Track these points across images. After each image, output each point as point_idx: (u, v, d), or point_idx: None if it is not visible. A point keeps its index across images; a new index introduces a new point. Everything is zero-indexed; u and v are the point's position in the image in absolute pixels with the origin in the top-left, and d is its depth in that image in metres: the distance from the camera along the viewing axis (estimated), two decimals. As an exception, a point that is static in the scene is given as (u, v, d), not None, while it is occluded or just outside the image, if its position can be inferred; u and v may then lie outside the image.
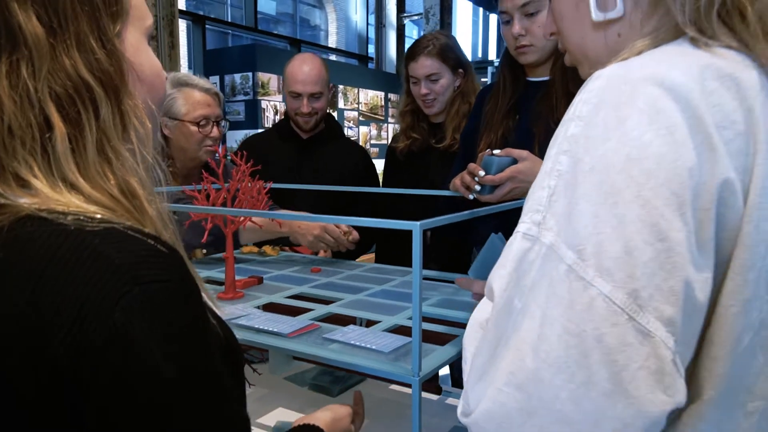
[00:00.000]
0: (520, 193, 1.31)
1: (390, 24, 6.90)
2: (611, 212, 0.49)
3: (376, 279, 1.43)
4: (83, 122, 0.54)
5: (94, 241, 0.49)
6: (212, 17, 6.12)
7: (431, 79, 1.88)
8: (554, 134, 0.59)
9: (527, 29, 1.37)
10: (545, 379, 0.50)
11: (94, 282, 0.47)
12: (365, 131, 5.84)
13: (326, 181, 1.95)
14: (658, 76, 0.52)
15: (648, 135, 0.50)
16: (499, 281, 0.58)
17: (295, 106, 1.99)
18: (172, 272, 0.51)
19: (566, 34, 0.73)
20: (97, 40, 0.55)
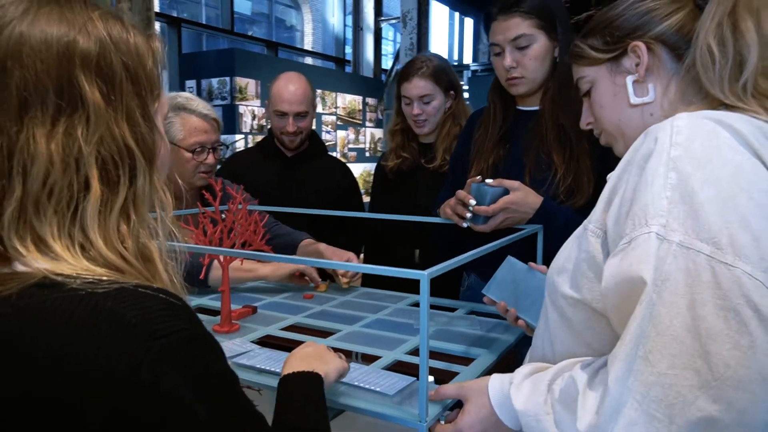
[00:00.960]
0: (512, 223, 1.34)
1: (367, 27, 6.90)
2: (734, 211, 0.63)
3: (370, 306, 1.45)
4: (119, 186, 0.59)
5: (107, 303, 0.51)
6: (187, 19, 6.03)
7: (424, 100, 1.89)
8: (633, 157, 0.73)
9: (518, 62, 1.40)
10: (713, 352, 0.59)
11: (114, 345, 0.50)
12: (343, 135, 5.84)
13: (311, 199, 1.96)
14: (726, 121, 0.70)
15: (738, 158, 0.67)
16: (647, 272, 0.64)
17: (280, 125, 1.99)
18: (185, 321, 0.54)
19: (605, 119, 0.91)
20: (142, 116, 0.61)
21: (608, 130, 0.92)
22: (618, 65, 0.88)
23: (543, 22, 1.37)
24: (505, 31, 1.39)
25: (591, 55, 0.91)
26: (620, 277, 0.66)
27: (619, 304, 0.68)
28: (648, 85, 0.85)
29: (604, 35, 0.89)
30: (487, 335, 1.24)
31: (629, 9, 0.88)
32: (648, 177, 0.68)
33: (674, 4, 0.86)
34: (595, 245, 0.76)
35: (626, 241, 0.67)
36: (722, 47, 0.76)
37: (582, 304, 0.78)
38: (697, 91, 0.80)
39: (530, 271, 1.12)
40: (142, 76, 0.61)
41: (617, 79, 0.88)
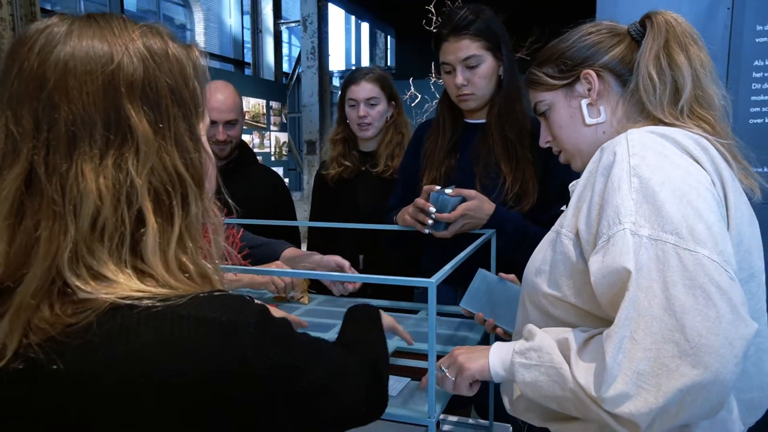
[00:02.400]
0: (469, 228, 1.45)
1: (267, 29, 6.80)
2: (689, 206, 0.77)
3: (336, 314, 1.48)
4: (175, 216, 0.57)
5: (190, 311, 0.53)
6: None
7: (370, 102, 1.95)
8: (596, 168, 0.87)
9: (469, 80, 1.52)
10: (687, 325, 0.70)
11: (213, 346, 0.52)
12: (248, 139, 5.72)
13: (242, 208, 1.94)
14: (669, 135, 0.86)
15: (682, 162, 0.83)
16: (630, 263, 0.74)
17: (209, 134, 1.96)
18: (258, 306, 0.58)
19: (564, 138, 1.04)
20: (189, 138, 0.60)
21: (567, 148, 1.05)
22: (572, 90, 1.01)
23: (489, 43, 1.50)
24: (456, 52, 1.50)
25: (547, 81, 1.03)
26: (607, 270, 0.77)
27: (608, 293, 0.79)
28: (599, 107, 0.99)
29: (558, 64, 1.02)
30: (456, 334, 1.33)
31: (578, 42, 1.02)
32: (614, 183, 0.81)
33: (615, 37, 1.02)
34: (569, 247, 0.88)
35: (605, 239, 0.79)
36: (661, 76, 0.93)
37: (561, 301, 0.89)
38: (640, 112, 0.96)
39: (501, 282, 1.23)
40: (187, 95, 0.60)
41: (572, 102, 1.01)
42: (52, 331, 0.50)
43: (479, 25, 1.48)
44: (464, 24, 1.48)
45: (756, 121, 2.09)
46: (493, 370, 0.92)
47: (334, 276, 0.97)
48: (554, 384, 0.81)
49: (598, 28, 1.03)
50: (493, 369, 0.92)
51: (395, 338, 1.28)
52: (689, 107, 0.93)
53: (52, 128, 0.52)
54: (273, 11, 6.79)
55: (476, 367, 0.94)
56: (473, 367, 0.94)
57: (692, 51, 0.94)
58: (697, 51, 0.94)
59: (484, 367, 0.93)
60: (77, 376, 0.49)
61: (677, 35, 0.94)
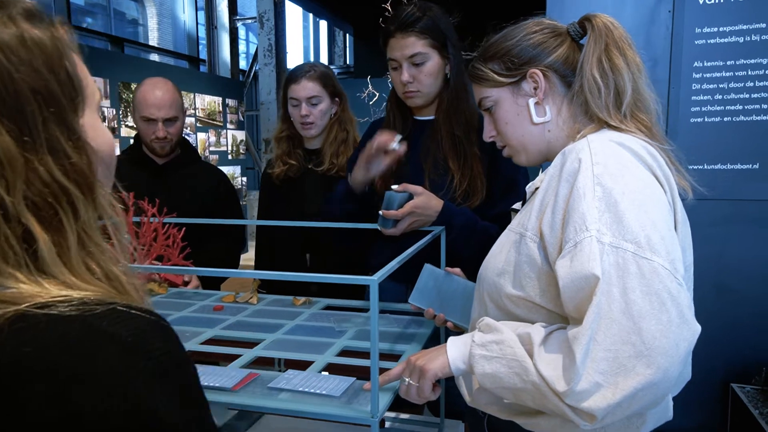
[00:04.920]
0: (418, 225, 1.45)
1: (222, 26, 6.67)
2: (647, 217, 0.81)
3: (284, 313, 1.47)
4: (64, 226, 0.53)
5: (102, 323, 0.50)
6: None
7: (312, 102, 1.93)
8: (558, 173, 0.90)
9: (415, 77, 1.51)
10: (644, 328, 0.75)
11: (111, 363, 0.49)
12: (203, 138, 5.61)
13: (184, 206, 1.91)
14: (626, 144, 0.90)
15: (640, 173, 0.87)
16: (597, 269, 0.78)
17: (149, 132, 1.92)
18: (175, 343, 0.54)
19: (509, 135, 1.05)
20: (67, 141, 0.53)
21: (512, 144, 1.06)
22: (519, 88, 1.02)
23: (436, 42, 1.50)
24: (402, 48, 1.50)
25: (493, 78, 1.04)
26: (575, 275, 0.80)
27: (576, 297, 0.82)
28: (545, 106, 1.01)
29: (505, 62, 1.03)
30: (405, 331, 1.33)
31: (523, 40, 1.03)
32: (580, 191, 0.84)
33: (557, 38, 1.04)
34: (533, 249, 0.90)
35: (572, 244, 0.82)
36: (604, 79, 0.96)
37: (524, 300, 0.91)
38: (584, 113, 0.99)
39: (448, 276, 1.23)
40: (57, 89, 0.53)
41: (519, 100, 1.02)
42: None
43: (426, 23, 1.48)
44: (411, 21, 1.48)
45: (696, 120, 2.17)
46: (453, 365, 0.93)
47: (273, 275, 0.95)
48: (515, 376, 0.84)
49: (541, 27, 1.04)
50: (453, 363, 0.93)
51: (343, 337, 1.28)
52: (631, 111, 0.96)
53: None
54: (228, 7, 6.67)
55: (437, 365, 0.94)
56: (433, 366, 0.94)
57: (629, 55, 0.97)
58: (633, 55, 0.98)
59: (444, 364, 0.94)
60: None
61: (615, 39, 0.97)
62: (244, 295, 1.58)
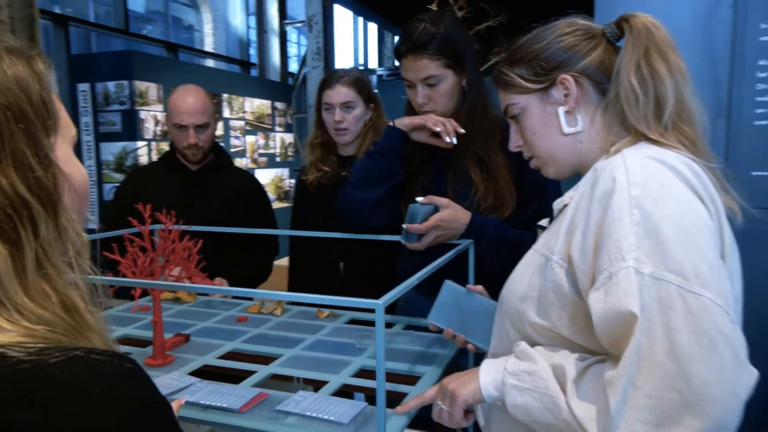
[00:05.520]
0: (444, 239, 1.38)
1: (272, 30, 6.76)
2: (693, 244, 0.72)
3: (307, 327, 1.43)
4: (22, 241, 0.52)
5: (63, 374, 0.47)
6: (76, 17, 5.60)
7: (346, 106, 1.89)
8: (590, 192, 0.81)
9: (430, 97, 1.46)
10: (691, 372, 0.66)
11: (81, 418, 0.46)
12: (252, 140, 5.69)
13: (217, 213, 1.91)
14: (667, 161, 0.79)
15: (684, 194, 0.77)
16: (635, 306, 0.70)
17: (181, 139, 1.93)
18: (145, 386, 0.52)
19: (537, 145, 0.96)
20: (33, 156, 0.54)
21: (540, 155, 0.98)
22: (548, 96, 0.94)
23: (450, 60, 1.43)
24: (415, 71, 1.44)
25: (521, 84, 0.96)
26: (610, 311, 0.72)
27: (612, 334, 0.74)
28: (577, 115, 0.92)
29: (533, 66, 0.95)
30: (427, 351, 1.27)
31: (553, 43, 0.94)
32: (614, 214, 0.75)
33: (591, 40, 0.94)
34: (560, 275, 0.82)
35: (606, 275, 0.73)
36: (643, 87, 0.86)
37: (549, 331, 0.83)
38: (620, 123, 0.89)
39: (469, 294, 1.16)
40: (28, 110, 0.55)
41: (548, 108, 0.94)
42: None
43: (438, 43, 1.41)
44: (423, 42, 1.40)
45: (761, 123, 2.00)
46: (485, 391, 0.88)
47: (276, 295, 0.91)
48: (547, 411, 0.78)
49: (574, 28, 0.95)
50: (485, 389, 0.88)
51: (362, 355, 1.23)
52: (673, 123, 0.86)
53: None
54: (278, 11, 6.75)
55: (468, 391, 0.90)
56: (465, 392, 0.90)
57: (672, 60, 0.87)
58: (677, 60, 0.87)
59: (476, 390, 0.89)
60: None
61: (657, 42, 0.87)
62: (269, 306, 1.55)
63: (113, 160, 4.53)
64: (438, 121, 1.44)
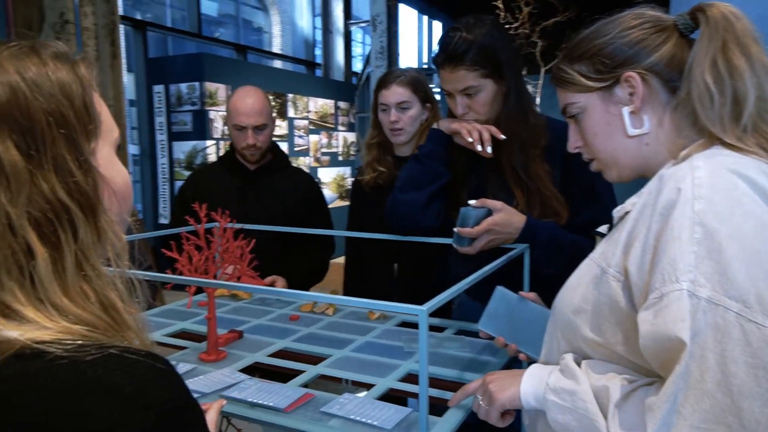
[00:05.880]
0: (497, 244, 1.35)
1: (337, 30, 6.85)
2: (760, 268, 0.65)
3: (358, 328, 1.43)
4: (62, 244, 0.54)
5: (97, 371, 0.49)
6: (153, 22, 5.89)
7: (401, 106, 1.88)
8: (653, 202, 0.74)
9: (469, 106, 1.42)
10: (744, 408, 0.62)
11: (109, 416, 0.47)
12: (315, 140, 5.79)
13: (274, 212, 1.95)
14: (743, 172, 0.72)
15: (758, 211, 0.69)
16: (685, 332, 0.65)
17: (240, 139, 1.98)
18: (176, 389, 0.52)
19: (598, 147, 0.91)
20: (74, 161, 0.55)
21: (602, 158, 0.93)
22: (611, 94, 0.88)
23: (488, 70, 1.38)
24: (453, 82, 1.40)
25: (581, 82, 0.90)
26: (658, 335, 0.67)
27: (658, 358, 0.70)
28: (643, 116, 0.86)
29: (595, 63, 0.89)
30: (478, 358, 1.24)
31: (618, 37, 0.88)
32: (674, 229, 0.69)
33: (661, 34, 0.86)
34: (616, 290, 0.77)
35: (657, 295, 0.68)
36: (719, 85, 0.78)
37: (603, 348, 0.79)
38: (692, 124, 0.81)
39: (522, 301, 1.12)
40: (70, 115, 0.56)
41: (611, 108, 0.88)
42: None
43: (476, 53, 1.36)
44: (459, 53, 1.36)
45: None
46: (524, 399, 0.85)
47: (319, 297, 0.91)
48: None
49: (641, 20, 0.88)
50: (524, 398, 0.85)
51: (410, 359, 1.21)
52: (753, 125, 0.78)
53: None
54: (343, 12, 6.83)
55: (507, 396, 0.87)
56: (503, 396, 0.88)
57: (754, 53, 0.79)
58: (759, 53, 0.79)
59: (515, 396, 0.86)
60: None
61: (736, 35, 0.79)
62: (321, 306, 1.57)
63: (184, 158, 4.72)
64: (473, 129, 1.40)
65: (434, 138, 1.49)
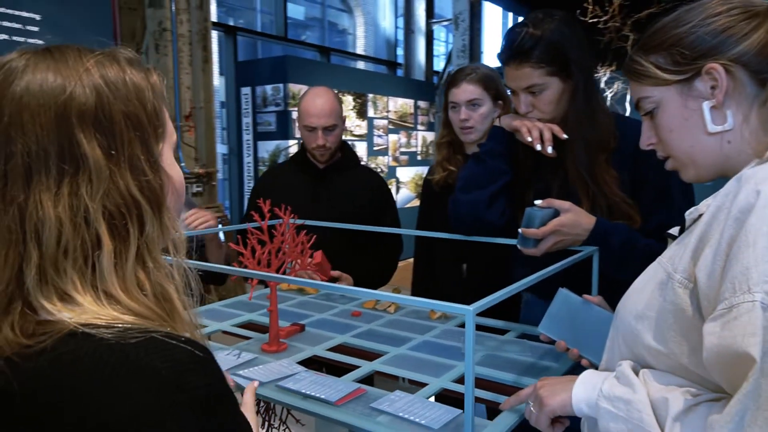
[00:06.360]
0: (564, 245, 1.29)
1: (419, 30, 6.86)
2: None
3: (417, 327, 1.43)
4: (130, 237, 0.58)
5: (139, 354, 0.52)
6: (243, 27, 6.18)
7: (472, 104, 1.85)
8: (729, 205, 0.69)
9: (533, 105, 1.37)
10: None
11: (144, 395, 0.50)
12: (395, 139, 5.83)
13: (343, 210, 1.97)
14: None
15: None
16: (755, 348, 0.60)
17: (310, 140, 2.02)
18: (211, 376, 0.54)
19: (673, 144, 0.85)
20: (146, 161, 0.60)
21: (678, 156, 0.86)
22: (690, 88, 0.81)
23: (554, 67, 1.32)
24: (516, 80, 1.35)
25: (657, 74, 0.84)
26: (724, 349, 0.63)
27: (724, 371, 0.65)
28: (726, 111, 0.79)
29: (673, 54, 0.82)
30: (538, 363, 1.20)
31: (701, 26, 0.81)
32: (749, 235, 0.64)
33: (752, 20, 0.79)
34: (683, 297, 0.73)
35: (726, 306, 0.64)
36: None
37: (666, 357, 0.74)
38: None
39: (586, 304, 1.07)
40: (144, 119, 0.60)
41: (689, 103, 0.82)
42: (9, 351, 0.52)
43: (542, 50, 1.30)
44: (524, 50, 1.31)
45: None
46: (576, 406, 0.82)
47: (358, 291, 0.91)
48: None
49: (729, 6, 0.81)
50: (576, 405, 0.82)
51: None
52: None
53: (9, 161, 0.54)
54: (426, 10, 6.82)
55: (557, 402, 0.84)
56: (554, 402, 0.84)
57: None
58: None
59: (566, 402, 0.83)
60: (26, 398, 0.51)
61: None
62: (384, 303, 1.57)
63: (268, 157, 4.91)
64: (533, 127, 1.35)
65: (495, 135, 1.45)
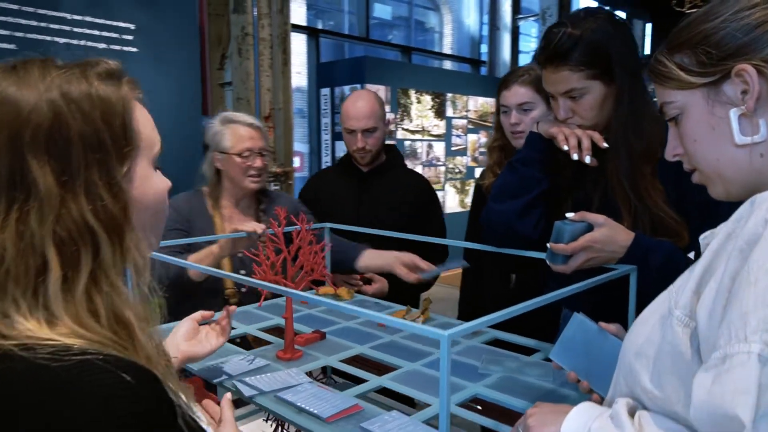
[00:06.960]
0: (598, 263, 1.18)
1: (504, 26, 6.67)
2: None
3: (441, 341, 1.36)
4: (81, 262, 0.55)
5: (71, 376, 0.50)
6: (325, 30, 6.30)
7: (523, 108, 1.75)
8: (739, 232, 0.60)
9: (573, 110, 1.25)
10: None
11: (70, 417, 0.48)
12: (474, 139, 5.71)
13: (387, 213, 1.93)
14: None
15: None
16: (746, 410, 0.53)
17: (351, 143, 2.00)
18: (144, 403, 0.51)
19: (699, 155, 0.75)
20: (104, 185, 0.57)
21: (703, 169, 0.76)
22: (717, 92, 0.71)
23: (596, 70, 1.19)
24: (555, 84, 1.24)
25: (681, 77, 0.74)
26: (713, 408, 0.55)
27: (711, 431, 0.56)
28: (758, 120, 0.68)
29: (698, 53, 0.72)
30: (557, 390, 1.10)
31: (731, 21, 0.70)
32: (752, 272, 0.56)
33: None
34: (683, 338, 0.64)
35: (720, 356, 0.55)
36: None
37: (663, 401, 0.66)
38: None
39: (602, 333, 0.96)
40: (106, 139, 0.57)
41: (716, 109, 0.72)
42: None
43: (581, 52, 1.18)
44: (562, 52, 1.19)
45: None
46: None
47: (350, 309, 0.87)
48: None
49: None
50: None
51: (482, 381, 1.12)
52: None
53: None
54: (512, 6, 6.62)
55: None
56: None
57: None
58: None
59: None
60: None
61: None
62: (414, 313, 1.52)
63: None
64: (571, 135, 1.23)
65: (531, 142, 1.35)
